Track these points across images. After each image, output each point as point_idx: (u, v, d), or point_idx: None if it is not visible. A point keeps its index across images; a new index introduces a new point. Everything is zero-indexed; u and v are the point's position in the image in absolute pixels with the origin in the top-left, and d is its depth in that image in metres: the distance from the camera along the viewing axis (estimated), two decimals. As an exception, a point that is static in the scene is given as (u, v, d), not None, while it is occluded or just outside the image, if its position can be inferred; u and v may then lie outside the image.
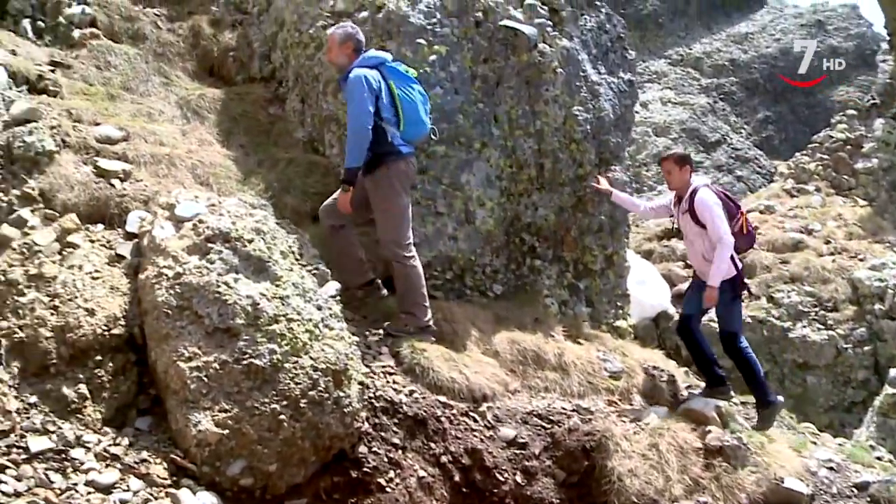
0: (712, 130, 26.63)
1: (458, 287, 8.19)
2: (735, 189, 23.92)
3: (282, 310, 5.72)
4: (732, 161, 26.15)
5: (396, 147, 6.95)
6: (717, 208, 7.72)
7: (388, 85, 6.94)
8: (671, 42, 30.31)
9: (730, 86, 28.48)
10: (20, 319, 5.86)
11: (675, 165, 8.04)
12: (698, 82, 28.87)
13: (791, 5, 32.89)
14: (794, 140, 26.59)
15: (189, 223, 6.06)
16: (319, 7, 8.88)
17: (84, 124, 7.46)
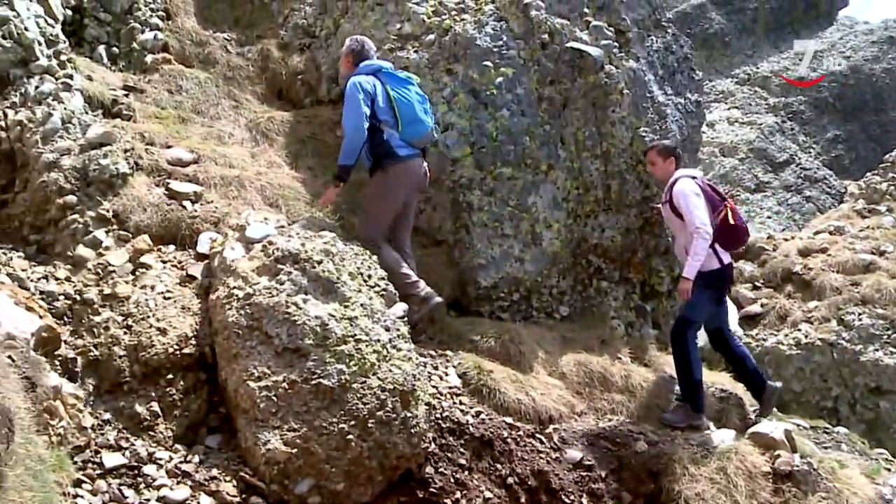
0: (780, 150, 26.21)
1: (525, 308, 8.19)
2: (804, 209, 23.51)
3: (350, 330, 5.76)
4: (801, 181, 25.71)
5: (394, 149, 7.05)
6: (693, 198, 7.35)
7: (384, 89, 7.10)
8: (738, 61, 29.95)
9: (798, 105, 28.01)
10: (95, 338, 6.00)
11: (659, 157, 7.87)
12: (766, 101, 28.46)
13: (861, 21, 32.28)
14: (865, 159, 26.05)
15: (259, 244, 6.14)
16: (386, 30, 8.98)
17: (156, 147, 7.62)
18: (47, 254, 6.87)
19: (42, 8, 8.30)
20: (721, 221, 7.37)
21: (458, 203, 8.01)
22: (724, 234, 7.40)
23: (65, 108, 7.46)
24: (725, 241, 7.47)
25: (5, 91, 7.70)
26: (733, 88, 29.50)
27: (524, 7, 8.57)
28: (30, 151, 7.18)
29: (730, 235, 7.45)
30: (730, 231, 7.42)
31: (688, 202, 7.33)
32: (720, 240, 7.41)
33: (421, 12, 8.89)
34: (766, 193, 23.82)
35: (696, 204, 7.31)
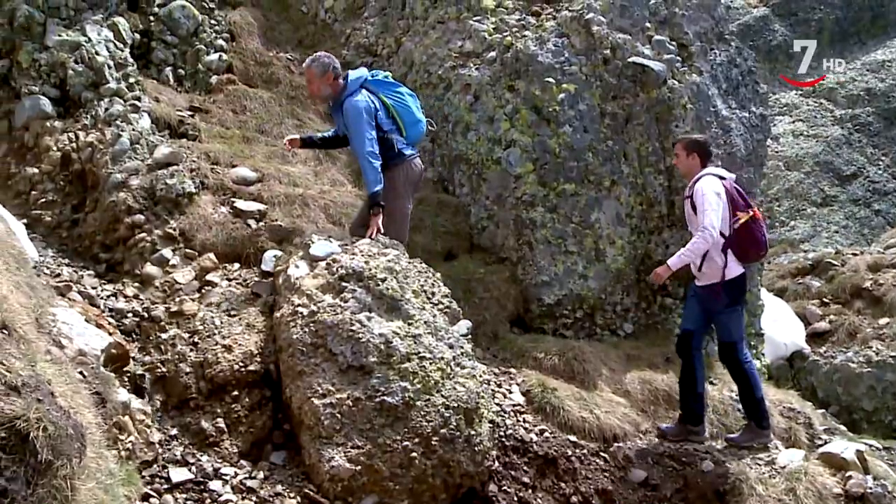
0: (847, 163, 25.72)
1: (589, 326, 8.13)
2: (873, 223, 23.03)
3: (414, 348, 5.76)
4: (870, 194, 25.20)
5: (401, 151, 6.92)
6: (712, 196, 6.80)
7: (380, 99, 6.95)
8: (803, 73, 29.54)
9: (866, 116, 27.47)
10: (162, 355, 6.09)
11: (683, 150, 7.28)
12: (832, 113, 27.97)
13: (931, 31, 31.61)
14: (937, 171, 25.47)
15: (323, 262, 6.18)
16: (448, 48, 9.03)
17: (221, 166, 7.73)
18: (116, 272, 7.01)
19: (112, 33, 8.51)
20: (741, 228, 6.91)
21: (520, 220, 7.98)
22: (741, 241, 6.93)
23: (133, 130, 7.62)
24: (741, 251, 6.96)
25: (77, 113, 7.91)
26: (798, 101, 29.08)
27: (586, 23, 8.54)
28: (100, 172, 7.35)
29: (746, 245, 6.96)
30: (748, 240, 6.95)
31: (704, 200, 6.80)
32: (735, 248, 6.93)
33: (482, 30, 8.91)
34: (832, 207, 23.38)
35: (712, 204, 6.78)
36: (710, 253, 6.86)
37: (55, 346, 4.91)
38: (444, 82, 8.85)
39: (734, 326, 7.10)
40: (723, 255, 6.89)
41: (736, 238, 6.89)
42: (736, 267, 6.93)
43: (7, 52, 8.17)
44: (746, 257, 7.03)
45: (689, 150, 7.20)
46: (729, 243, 6.89)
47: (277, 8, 11.10)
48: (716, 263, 6.89)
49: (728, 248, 6.90)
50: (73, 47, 8.15)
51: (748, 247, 6.94)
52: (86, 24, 8.48)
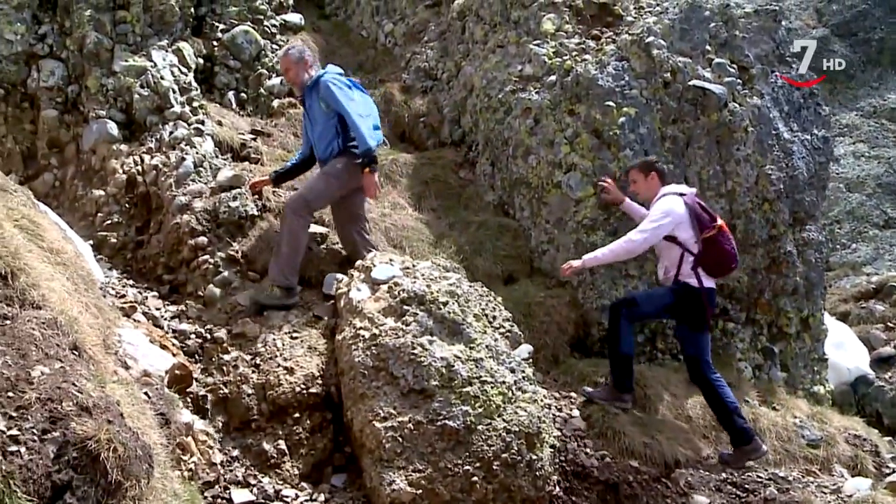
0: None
1: (650, 350, 8.06)
2: (937, 247, 22.54)
3: (476, 372, 5.76)
4: (934, 217, 24.73)
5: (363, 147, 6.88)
6: (659, 214, 6.89)
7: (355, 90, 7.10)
8: (863, 93, 29.05)
9: (930, 136, 27.05)
10: (224, 376, 6.16)
11: (640, 174, 7.35)
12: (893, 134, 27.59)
13: None
14: None
15: (385, 286, 6.21)
16: (508, 72, 9.05)
17: (283, 189, 7.79)
18: (179, 293, 7.12)
19: (176, 58, 8.66)
20: (708, 242, 6.92)
21: (581, 244, 7.93)
22: (708, 255, 6.94)
23: (197, 153, 7.73)
24: (710, 264, 6.97)
25: (142, 137, 8.04)
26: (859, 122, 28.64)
27: (646, 46, 8.51)
28: (164, 194, 7.46)
29: (717, 259, 6.97)
30: (717, 254, 6.95)
31: (653, 216, 6.95)
32: (704, 263, 6.94)
33: (542, 53, 8.92)
34: (895, 230, 22.98)
35: (658, 218, 6.87)
36: (682, 270, 6.96)
37: (121, 366, 5.00)
38: (504, 106, 8.86)
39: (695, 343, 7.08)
40: (693, 272, 6.96)
41: (705, 254, 6.92)
42: (707, 282, 6.99)
43: (76, 77, 8.36)
44: (719, 271, 7.08)
45: (645, 172, 7.31)
46: (698, 260, 6.95)
47: (338, 33, 11.24)
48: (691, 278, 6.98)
49: (698, 266, 6.96)
50: (139, 72, 8.30)
51: (719, 260, 6.97)
52: (151, 49, 8.63)
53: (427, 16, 10.85)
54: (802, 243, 8.82)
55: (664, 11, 9.23)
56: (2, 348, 3.47)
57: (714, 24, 9.02)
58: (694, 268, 6.95)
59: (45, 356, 3.61)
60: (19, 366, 3.44)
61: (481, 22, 9.93)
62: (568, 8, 9.47)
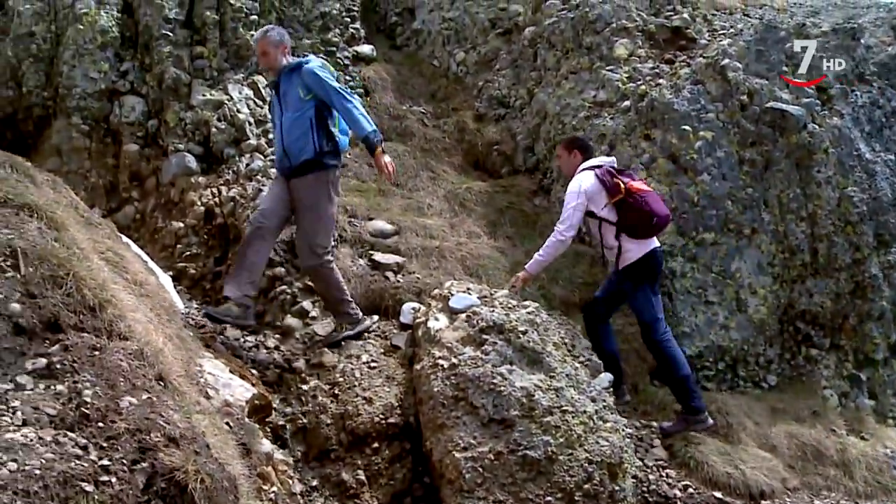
0: None
1: (731, 378, 7.90)
2: None
3: (556, 401, 5.69)
4: None
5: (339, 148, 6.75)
6: (575, 196, 6.75)
7: None
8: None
9: None
10: (303, 406, 6.18)
11: (564, 150, 7.24)
12: (979, 154, 26.80)
13: None
14: None
15: (463, 315, 6.18)
16: (581, 98, 9.01)
17: (359, 219, 7.85)
18: (258, 323, 7.14)
19: (252, 91, 8.79)
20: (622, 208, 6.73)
21: (660, 270, 7.84)
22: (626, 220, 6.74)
23: (273, 184, 7.79)
24: (630, 227, 6.75)
25: (220, 169, 8.17)
26: (941, 141, 27.82)
27: (721, 69, 8.41)
28: (241, 225, 7.55)
29: (633, 220, 6.72)
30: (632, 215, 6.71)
31: (566, 199, 6.83)
32: (624, 228, 6.75)
33: (616, 79, 8.87)
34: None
35: (570, 201, 6.76)
36: (606, 241, 6.86)
37: (203, 396, 5.03)
38: (579, 132, 8.81)
39: (645, 307, 6.86)
40: (616, 240, 6.81)
41: (622, 218, 6.75)
42: (636, 248, 6.78)
43: (156, 112, 8.55)
44: (644, 232, 6.80)
45: (569, 148, 7.22)
46: (618, 227, 6.78)
47: (409, 63, 11.30)
48: (613, 252, 6.86)
49: (621, 234, 6.79)
50: (216, 106, 8.45)
51: (638, 221, 6.72)
52: (228, 83, 8.79)
53: (498, 44, 10.86)
54: (888, 266, 8.57)
55: (738, 33, 9.13)
56: (92, 379, 3.52)
57: (790, 44, 8.87)
58: (616, 235, 6.79)
59: (132, 387, 3.64)
60: (108, 396, 3.48)
61: (553, 48, 9.91)
62: (640, 32, 9.43)
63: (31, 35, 8.93)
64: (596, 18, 9.55)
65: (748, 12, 10.92)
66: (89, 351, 3.71)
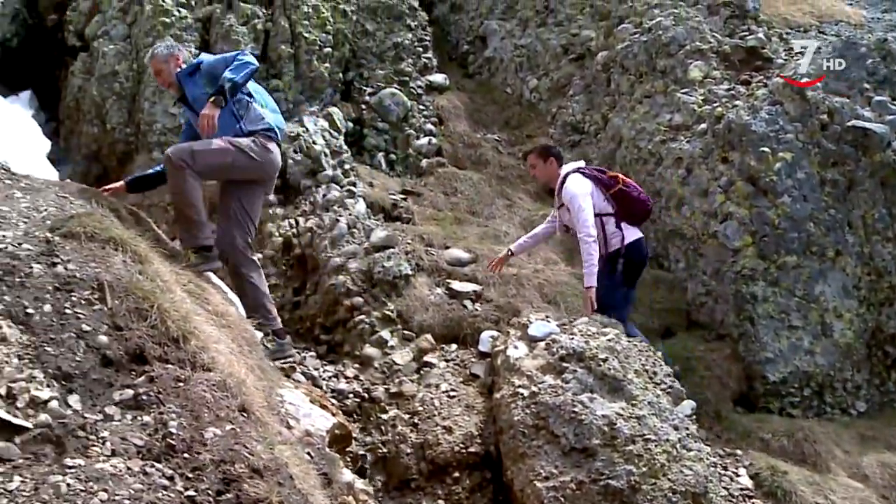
0: None
1: (818, 405, 7.69)
2: None
3: (638, 430, 5.59)
4: None
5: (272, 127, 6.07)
6: (582, 199, 6.70)
7: None
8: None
9: None
10: (383, 435, 6.17)
11: (539, 159, 7.14)
12: None
13: None
14: None
15: (542, 343, 6.13)
16: (656, 122, 8.94)
17: (435, 248, 7.87)
18: (337, 353, 7.21)
19: (327, 122, 8.90)
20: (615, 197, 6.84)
21: (740, 295, 7.70)
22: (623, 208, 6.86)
23: (350, 214, 7.88)
24: (628, 214, 6.89)
25: (297, 200, 8.26)
26: None
27: (799, 88, 8.26)
28: (319, 256, 7.61)
29: (629, 208, 6.89)
30: (628, 203, 6.88)
31: (575, 205, 6.72)
32: (624, 216, 6.85)
33: (691, 102, 8.78)
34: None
35: (583, 207, 6.69)
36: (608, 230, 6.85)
37: (284, 427, 5.04)
38: (655, 157, 8.74)
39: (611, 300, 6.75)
40: (618, 228, 6.84)
41: (620, 207, 6.86)
42: (632, 231, 6.90)
43: (234, 145, 8.67)
44: (640, 218, 7.03)
45: (544, 156, 7.18)
46: (618, 217, 6.86)
47: (482, 91, 11.34)
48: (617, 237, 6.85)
49: (620, 221, 6.86)
50: (292, 138, 8.55)
51: (634, 209, 6.91)
52: (303, 115, 8.91)
53: (571, 69, 10.84)
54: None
55: (817, 51, 8.97)
56: (177, 410, 3.55)
57: (871, 61, 8.71)
58: (617, 224, 6.83)
59: (216, 418, 3.67)
60: (193, 427, 3.50)
61: (627, 73, 9.85)
62: (715, 54, 9.32)
63: (115, 74, 9.20)
64: (669, 41, 9.47)
65: (823, 29, 10.76)
66: (174, 382, 3.75)
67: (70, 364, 3.54)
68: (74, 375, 3.51)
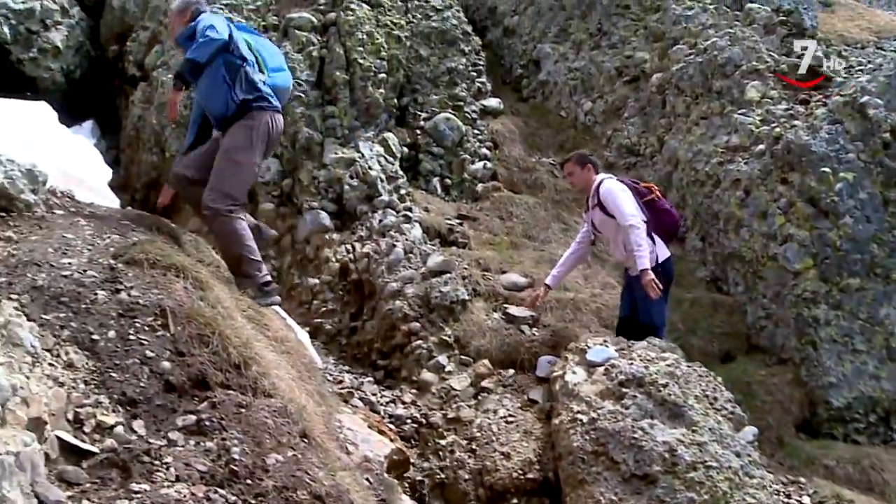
0: None
1: (884, 431, 7.52)
2: None
3: (699, 457, 5.50)
4: None
5: (265, 95, 5.86)
6: (621, 193, 6.85)
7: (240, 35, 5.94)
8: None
9: None
10: (441, 461, 6.15)
11: (577, 166, 7.22)
12: None
13: None
14: None
15: (601, 368, 6.07)
16: (713, 143, 8.86)
17: (492, 273, 7.84)
18: (394, 378, 7.21)
19: (382, 148, 8.95)
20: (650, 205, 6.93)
21: (802, 318, 7.58)
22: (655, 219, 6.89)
23: (406, 239, 7.89)
24: (659, 227, 6.92)
25: (353, 225, 8.31)
26: None
27: (860, 107, 8.14)
28: (376, 281, 7.63)
29: (660, 221, 6.94)
30: (660, 215, 6.97)
31: (615, 197, 6.84)
32: (655, 228, 6.88)
33: (749, 122, 8.69)
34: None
35: (623, 198, 6.82)
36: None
37: (344, 452, 5.06)
38: (712, 179, 8.66)
39: (656, 311, 6.80)
40: (649, 239, 6.79)
41: (653, 218, 6.88)
42: (663, 249, 6.93)
43: (290, 171, 8.76)
44: (666, 232, 7.05)
45: (581, 164, 7.23)
46: (649, 227, 6.82)
47: (537, 114, 11.35)
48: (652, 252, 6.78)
49: (651, 232, 6.84)
50: (348, 164, 8.62)
51: (665, 222, 7.00)
52: (359, 141, 8.97)
53: (626, 92, 10.80)
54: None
55: (877, 68, 8.85)
56: (239, 436, 3.57)
57: (936, 78, 8.54)
58: (649, 233, 6.79)
59: (278, 444, 3.69)
60: (255, 453, 3.53)
61: (682, 94, 9.79)
62: (772, 73, 9.22)
63: (173, 103, 9.35)
64: (725, 62, 9.40)
65: (882, 45, 10.62)
66: (236, 408, 3.78)
67: (134, 389, 3.60)
68: (139, 401, 3.58)
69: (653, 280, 6.53)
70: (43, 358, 3.43)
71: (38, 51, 10.62)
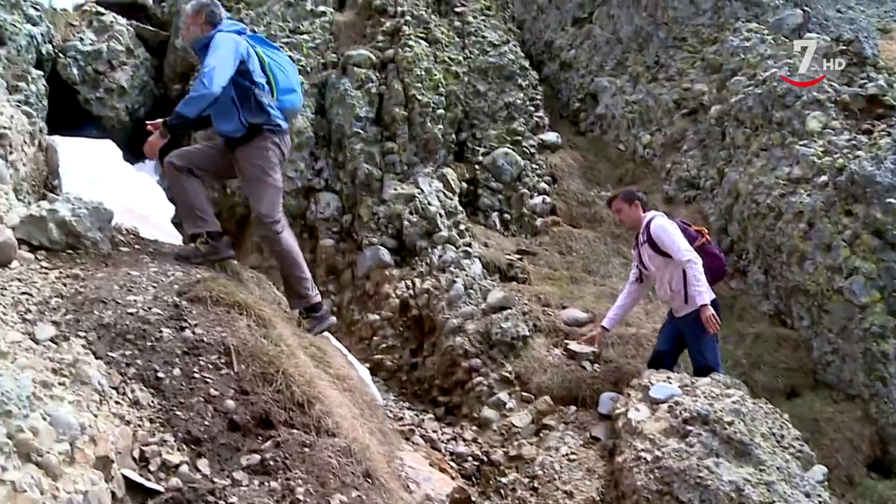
0: None
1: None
2: None
3: (767, 497, 5.39)
4: None
5: (273, 119, 5.86)
6: (673, 228, 6.81)
7: (255, 52, 5.88)
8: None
9: None
10: (503, 499, 6.10)
11: (624, 203, 7.14)
12: None
13: None
14: None
15: (664, 405, 5.99)
16: (774, 175, 8.76)
17: (552, 308, 7.81)
18: (454, 415, 7.19)
19: (441, 183, 8.99)
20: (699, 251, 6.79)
21: (870, 353, 7.42)
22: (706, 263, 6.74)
23: (466, 275, 7.90)
24: (707, 271, 6.75)
25: (413, 261, 8.34)
26: None
27: (926, 137, 8.02)
28: (436, 317, 7.64)
29: (709, 264, 6.81)
30: (710, 259, 6.85)
31: (668, 235, 6.78)
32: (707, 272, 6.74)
33: (810, 154, 8.58)
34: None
35: (676, 234, 6.78)
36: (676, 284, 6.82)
37: (405, 490, 5.05)
38: (774, 211, 8.55)
39: (710, 352, 6.72)
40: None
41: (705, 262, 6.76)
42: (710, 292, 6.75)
43: (350, 207, 8.85)
44: (716, 276, 7.01)
45: (630, 201, 7.18)
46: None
47: (595, 148, 11.33)
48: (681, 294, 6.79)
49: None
50: (407, 199, 8.67)
51: (714, 266, 6.91)
52: (418, 177, 9.03)
53: (685, 124, 10.75)
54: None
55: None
56: (303, 476, 3.59)
57: None
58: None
59: (342, 484, 3.70)
60: (319, 494, 3.54)
61: (742, 126, 9.71)
62: (833, 104, 9.11)
63: (233, 141, 9.51)
64: (785, 92, 9.32)
65: (944, 72, 10.42)
66: (299, 447, 3.80)
67: (199, 428, 3.64)
68: (203, 440, 3.61)
69: (712, 315, 6.48)
70: (110, 396, 3.49)
71: (104, 90, 10.84)
